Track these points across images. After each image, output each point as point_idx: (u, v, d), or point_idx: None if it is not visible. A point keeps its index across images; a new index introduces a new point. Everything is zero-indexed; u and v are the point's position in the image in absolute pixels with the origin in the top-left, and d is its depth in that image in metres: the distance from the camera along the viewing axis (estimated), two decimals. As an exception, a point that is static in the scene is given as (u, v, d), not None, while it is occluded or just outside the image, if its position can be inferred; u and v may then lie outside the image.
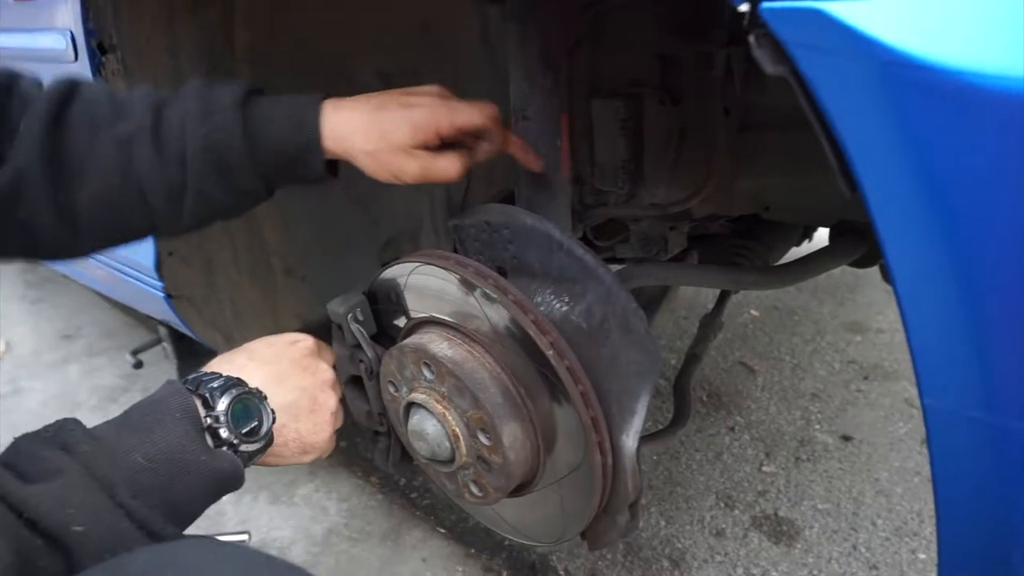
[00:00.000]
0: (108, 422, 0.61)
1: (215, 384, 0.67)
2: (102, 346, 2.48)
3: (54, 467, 0.53)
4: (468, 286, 0.81)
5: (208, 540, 0.60)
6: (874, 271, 2.58)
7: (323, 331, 0.94)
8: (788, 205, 1.06)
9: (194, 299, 1.23)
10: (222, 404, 0.65)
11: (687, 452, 1.78)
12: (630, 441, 0.81)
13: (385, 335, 0.96)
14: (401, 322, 0.93)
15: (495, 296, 0.78)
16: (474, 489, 0.87)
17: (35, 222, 0.71)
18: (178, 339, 1.81)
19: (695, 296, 2.51)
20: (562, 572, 1.45)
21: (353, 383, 1.00)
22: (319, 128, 0.75)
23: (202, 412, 0.65)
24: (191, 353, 1.86)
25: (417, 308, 0.89)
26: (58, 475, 0.53)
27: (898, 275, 0.38)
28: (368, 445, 1.84)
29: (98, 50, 1.02)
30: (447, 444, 0.83)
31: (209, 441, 0.64)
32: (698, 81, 1.04)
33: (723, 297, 1.35)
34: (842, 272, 2.64)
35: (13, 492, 0.50)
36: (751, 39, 0.40)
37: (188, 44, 1.14)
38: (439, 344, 0.83)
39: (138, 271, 1.26)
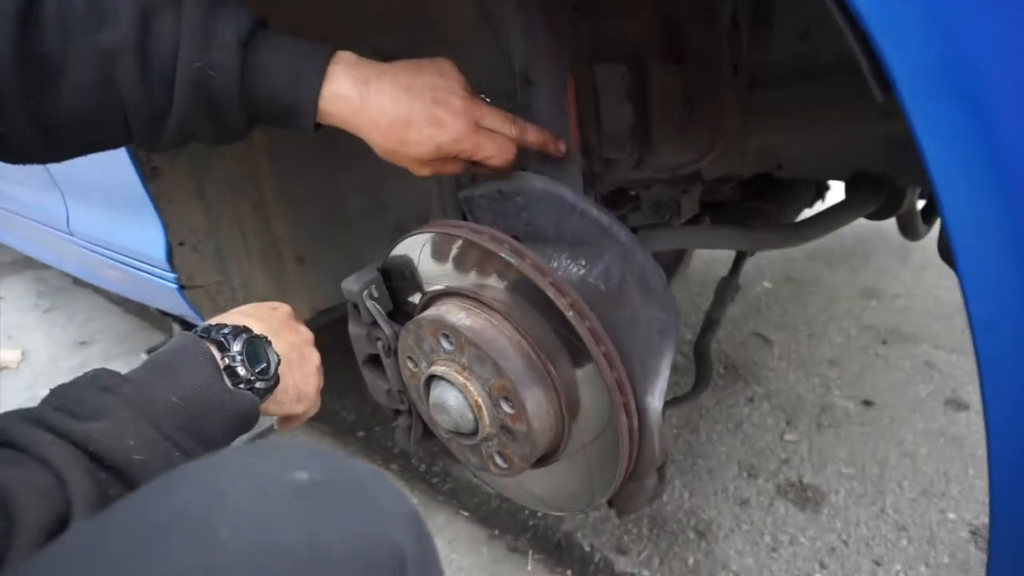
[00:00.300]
0: (135, 370, 0.64)
1: (226, 331, 0.71)
2: (118, 350, 2.48)
3: (103, 406, 0.57)
4: (484, 253, 0.80)
5: (250, 444, 0.63)
6: (887, 237, 2.56)
7: (334, 322, 0.94)
8: (801, 161, 1.05)
9: (207, 288, 1.23)
10: (236, 346, 0.69)
11: (707, 424, 1.77)
12: (656, 401, 0.79)
13: (401, 312, 0.95)
14: (416, 298, 0.92)
15: (512, 261, 0.77)
16: (499, 460, 0.86)
17: (6, 129, 0.68)
18: (192, 336, 1.81)
19: (707, 272, 2.49)
20: (588, 548, 1.44)
21: (371, 362, 1.00)
22: (317, 94, 0.72)
23: (218, 355, 0.68)
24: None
25: (431, 280, 0.88)
26: (108, 413, 0.56)
27: (944, 196, 0.36)
28: (386, 434, 1.84)
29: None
30: (470, 415, 0.82)
31: (227, 382, 0.68)
32: (703, 39, 1.02)
33: (738, 261, 1.33)
34: (854, 240, 2.62)
35: (75, 430, 0.53)
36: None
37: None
38: (457, 314, 0.83)
39: (150, 264, 1.26)
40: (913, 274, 2.36)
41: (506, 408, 0.80)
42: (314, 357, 0.83)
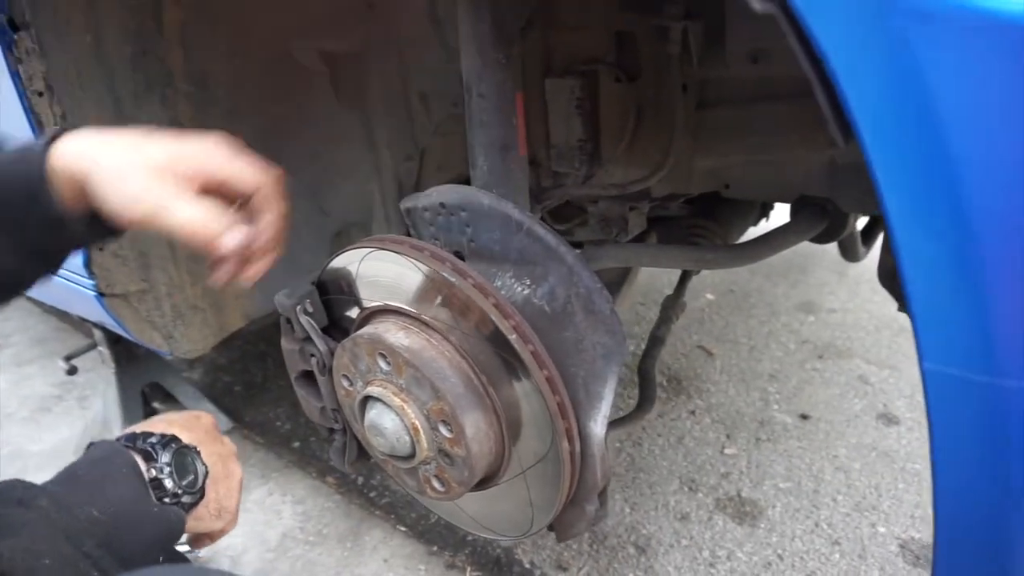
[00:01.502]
0: (53, 480, 0.62)
1: (153, 439, 0.68)
2: (32, 354, 2.34)
3: (18, 521, 0.54)
4: (424, 271, 0.77)
5: (174, 567, 0.63)
6: (825, 253, 2.62)
7: (272, 327, 0.89)
8: (748, 182, 1.05)
9: (129, 297, 1.15)
10: (165, 457, 0.67)
11: (649, 438, 1.77)
12: (598, 427, 0.78)
13: (337, 327, 0.91)
14: (354, 313, 0.88)
15: (453, 280, 0.74)
16: (436, 484, 0.83)
17: None
18: (115, 342, 1.71)
19: (651, 282, 2.51)
20: (527, 565, 1.42)
21: (304, 378, 0.95)
22: (45, 151, 0.61)
23: (144, 466, 0.66)
24: (129, 357, 1.76)
25: (370, 297, 0.85)
26: (23, 528, 0.53)
27: (898, 228, 0.35)
28: (322, 445, 1.78)
29: (8, 26, 0.93)
30: (407, 438, 0.79)
31: (152, 495, 0.65)
32: (655, 57, 1.02)
33: (684, 278, 1.34)
34: (793, 254, 2.68)
35: None
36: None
37: (112, 23, 1.05)
38: (395, 333, 0.79)
39: (67, 269, 1.17)
40: (848, 289, 2.43)
41: (444, 432, 0.77)
42: (237, 471, 0.80)
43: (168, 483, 0.66)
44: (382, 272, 0.81)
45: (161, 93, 1.14)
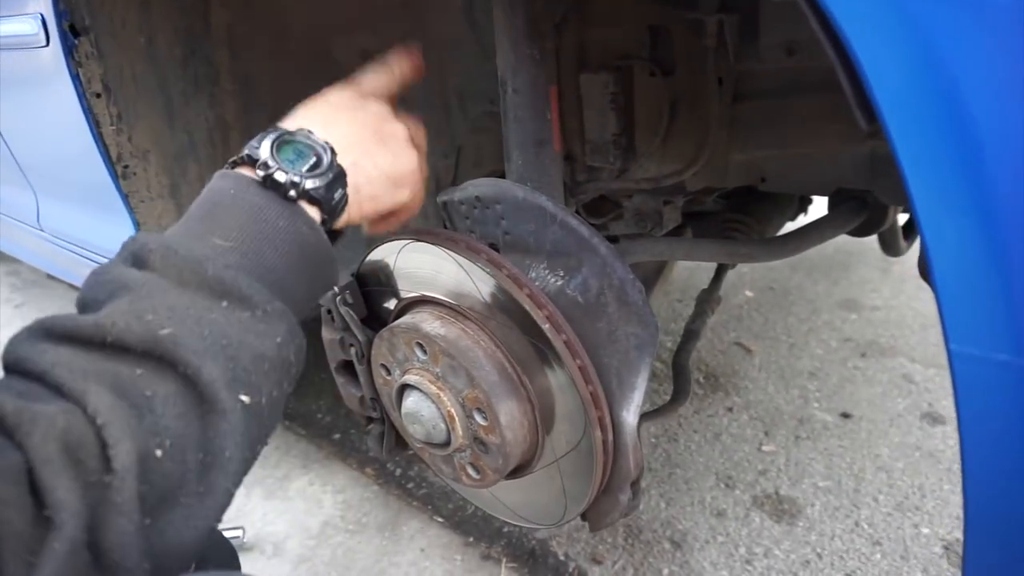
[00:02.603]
0: (173, 227, 0.55)
1: (251, 142, 0.59)
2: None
3: (121, 284, 0.49)
4: (460, 263, 0.78)
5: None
6: (867, 250, 2.57)
7: (314, 320, 0.92)
8: (784, 175, 1.04)
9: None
10: (264, 149, 0.57)
11: (685, 434, 1.76)
12: (631, 417, 0.78)
13: (376, 318, 0.94)
14: (392, 304, 0.90)
15: (489, 271, 0.76)
16: (471, 472, 0.84)
17: None
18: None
19: (689, 278, 2.50)
20: (562, 556, 1.43)
21: (344, 368, 0.98)
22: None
23: (249, 174, 0.57)
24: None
25: (408, 288, 0.87)
26: (125, 291, 0.48)
27: (923, 212, 0.36)
28: (362, 437, 1.82)
29: (70, 32, 0.98)
30: (442, 426, 0.81)
31: (276, 195, 0.56)
32: (689, 51, 1.01)
33: (720, 272, 1.33)
34: (835, 251, 2.63)
35: (84, 324, 0.45)
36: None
37: (165, 25, 1.10)
38: (432, 323, 0.81)
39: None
40: (892, 287, 2.38)
41: (479, 419, 0.79)
42: (397, 131, 0.69)
43: (279, 175, 0.56)
44: (419, 264, 0.83)
45: (209, 92, 1.19)
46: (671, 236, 1.23)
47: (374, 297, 0.92)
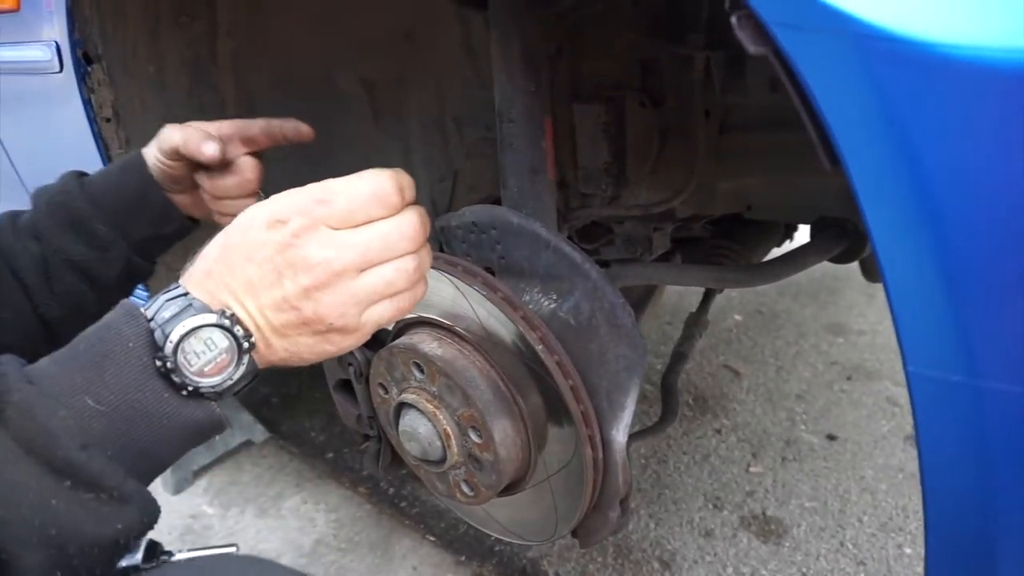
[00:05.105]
0: (52, 356, 0.50)
1: (161, 305, 0.50)
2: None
3: None
4: (457, 285, 0.82)
5: (246, 558, 0.54)
6: (854, 274, 2.62)
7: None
8: (769, 203, 1.09)
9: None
10: (171, 335, 0.49)
11: (675, 455, 1.79)
12: (620, 436, 0.81)
13: (374, 338, 0.96)
14: (390, 325, 0.93)
15: (485, 294, 0.79)
16: (465, 488, 0.87)
17: None
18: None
19: (679, 302, 2.54)
20: (552, 575, 1.45)
21: (342, 387, 1.01)
22: (142, 153, 0.86)
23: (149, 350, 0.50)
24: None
25: (406, 309, 0.90)
26: None
27: (880, 244, 0.39)
28: (355, 456, 1.84)
29: (84, 60, 1.02)
30: (438, 443, 0.84)
31: (164, 385, 0.50)
32: (678, 84, 1.06)
33: (707, 297, 1.37)
34: (822, 276, 2.68)
35: None
36: (733, 20, 0.42)
37: (173, 54, 1.14)
38: (429, 344, 0.84)
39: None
40: (878, 311, 2.42)
41: (474, 437, 0.81)
42: (330, 257, 0.54)
43: (176, 379, 0.49)
44: (417, 286, 0.86)
45: (214, 118, 1.22)
46: (660, 261, 1.27)
47: (373, 318, 0.95)
